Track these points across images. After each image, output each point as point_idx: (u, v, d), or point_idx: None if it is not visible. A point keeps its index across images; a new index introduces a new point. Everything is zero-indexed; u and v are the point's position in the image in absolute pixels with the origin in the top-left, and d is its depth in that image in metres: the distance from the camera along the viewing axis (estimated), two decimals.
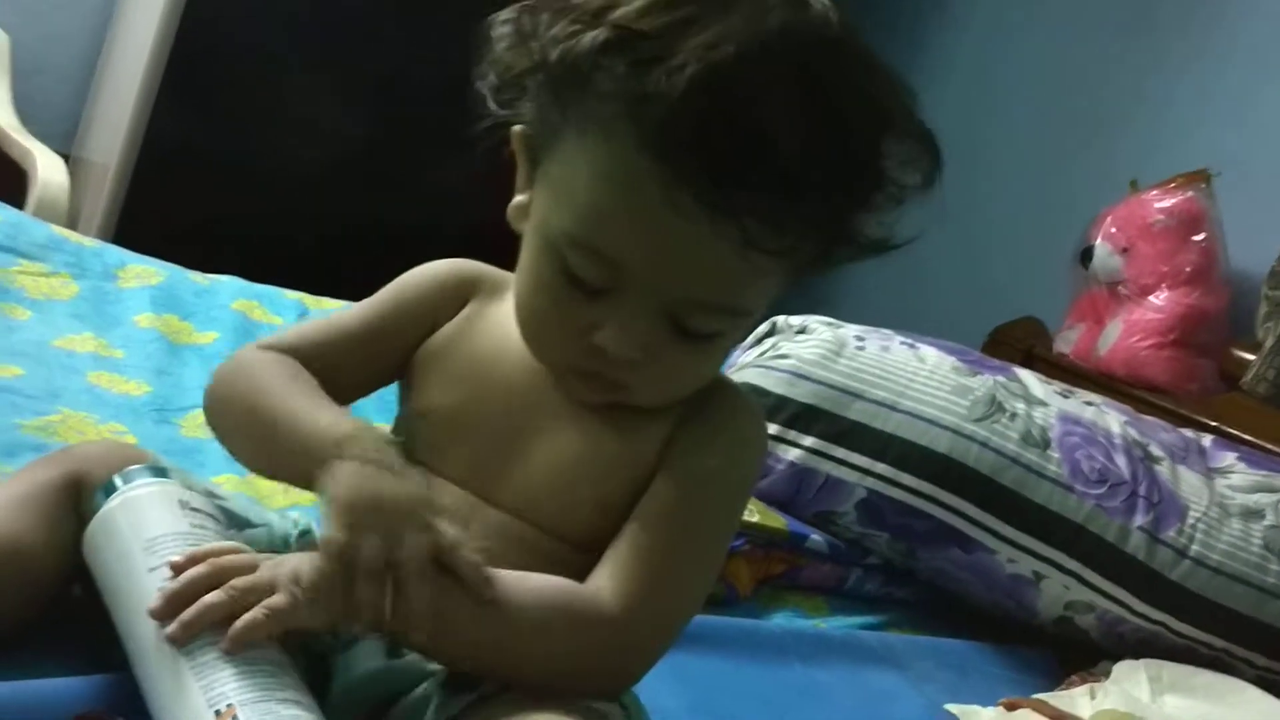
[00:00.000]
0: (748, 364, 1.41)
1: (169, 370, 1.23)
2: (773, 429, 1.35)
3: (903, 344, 1.44)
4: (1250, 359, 1.82)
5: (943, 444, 1.33)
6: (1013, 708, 1.03)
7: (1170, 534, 1.30)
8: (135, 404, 1.13)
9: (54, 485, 0.71)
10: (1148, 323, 1.91)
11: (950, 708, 1.07)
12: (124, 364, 1.21)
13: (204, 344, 1.33)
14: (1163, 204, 1.94)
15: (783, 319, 1.47)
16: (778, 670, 1.05)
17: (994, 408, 1.35)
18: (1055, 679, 1.24)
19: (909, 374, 1.38)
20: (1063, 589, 1.31)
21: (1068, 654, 1.30)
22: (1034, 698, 1.09)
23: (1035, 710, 1.01)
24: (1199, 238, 1.91)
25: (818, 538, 1.30)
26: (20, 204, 1.84)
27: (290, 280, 1.58)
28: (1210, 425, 1.68)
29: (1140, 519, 1.30)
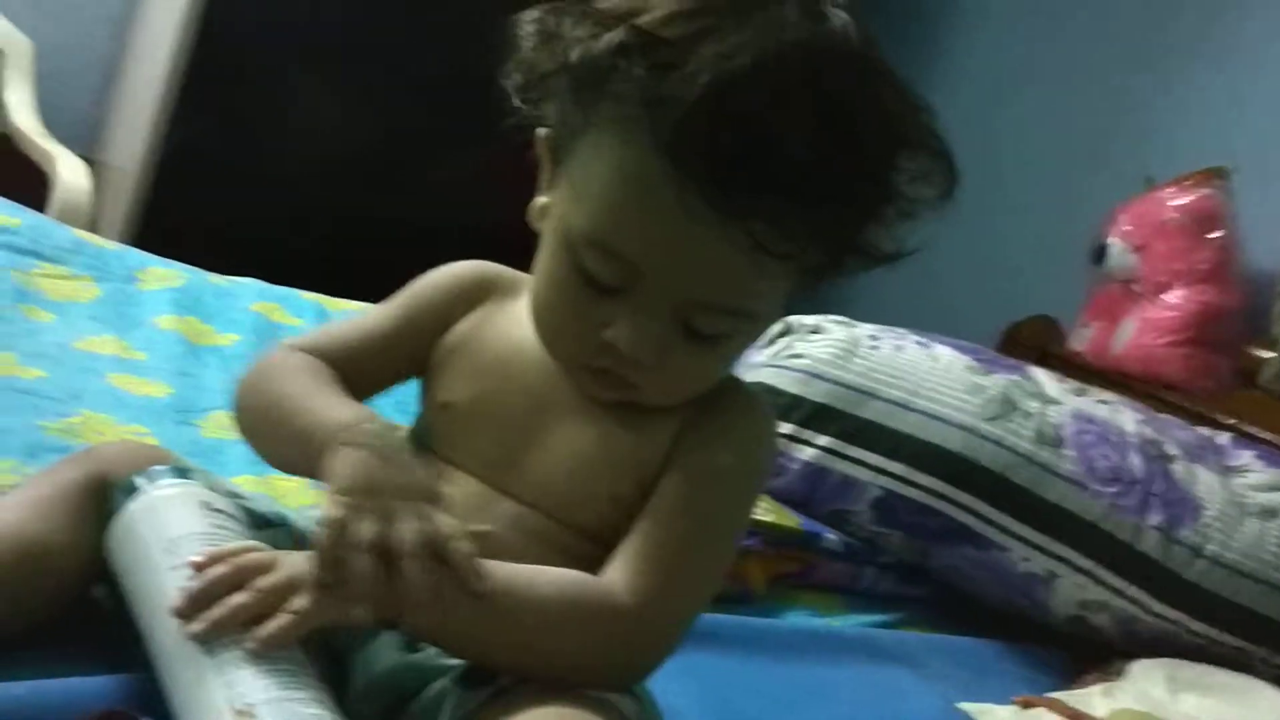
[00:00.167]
0: (761, 364, 1.42)
1: (190, 372, 1.24)
2: (787, 428, 1.35)
3: (916, 343, 1.44)
4: (1267, 356, 1.81)
5: (956, 443, 1.33)
6: (1028, 706, 1.03)
7: (1185, 533, 1.30)
8: (156, 405, 1.14)
9: (77, 486, 0.72)
10: (1163, 321, 1.90)
11: (964, 706, 1.08)
12: (145, 366, 1.22)
13: (224, 346, 1.34)
14: (1178, 201, 1.93)
15: (796, 319, 1.47)
16: (790, 668, 1.06)
17: (1007, 407, 1.36)
18: (1069, 677, 1.24)
19: (922, 373, 1.38)
20: (1076, 588, 1.31)
21: (1082, 652, 1.30)
22: (1049, 696, 1.09)
23: (1050, 709, 1.01)
24: (1215, 235, 1.90)
25: (832, 536, 1.31)
26: (42, 207, 1.86)
27: (310, 281, 1.59)
28: (1227, 424, 1.67)
29: (1154, 518, 1.30)
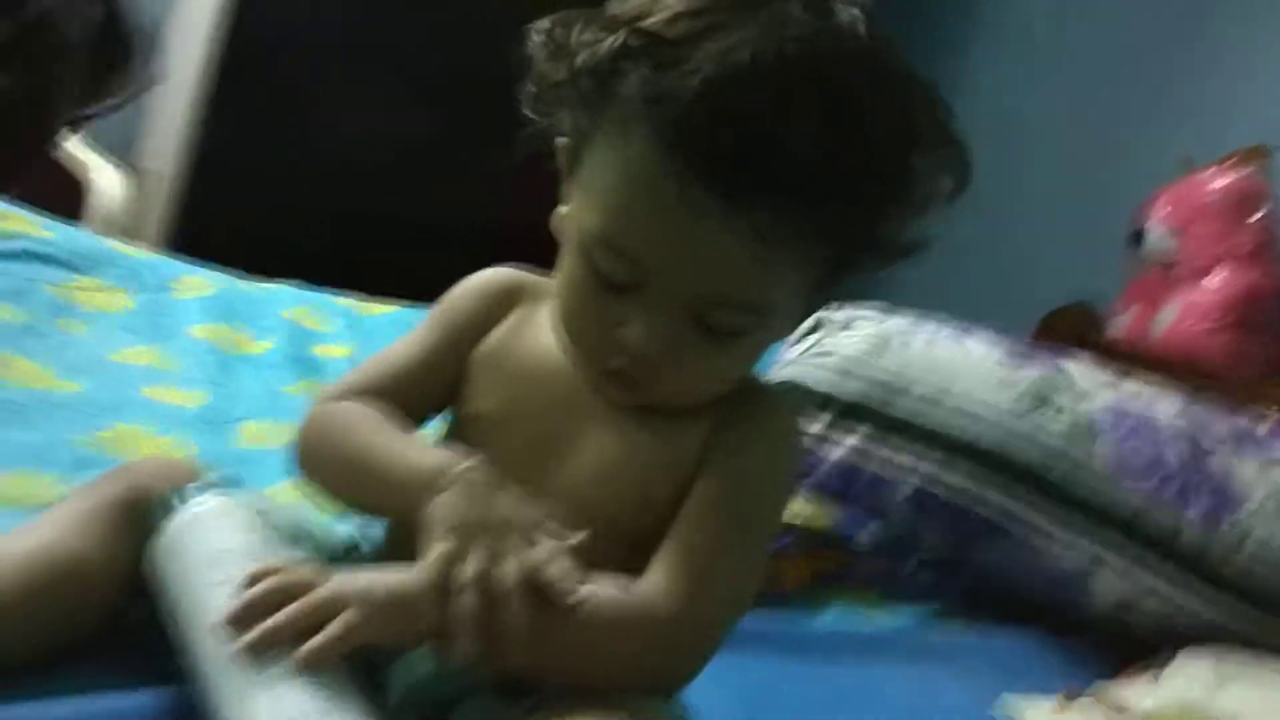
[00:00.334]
0: (792, 360, 1.41)
1: (224, 381, 1.25)
2: (818, 426, 1.35)
3: (949, 336, 1.43)
4: None
5: (990, 438, 1.32)
6: (1072, 699, 1.02)
7: (1224, 526, 1.28)
8: (191, 415, 1.15)
9: (114, 502, 0.73)
10: (1204, 305, 1.87)
11: (1006, 700, 1.07)
12: (179, 376, 1.24)
13: (258, 353, 1.35)
14: (1218, 182, 1.90)
15: (827, 313, 1.46)
16: (827, 670, 1.05)
17: (1040, 401, 1.34)
18: (1112, 671, 1.22)
19: (955, 368, 1.37)
20: (1116, 582, 1.29)
21: (1124, 645, 1.29)
22: (1092, 689, 1.08)
23: (1097, 701, 1.00)
24: (1256, 216, 1.87)
25: (866, 534, 1.31)
26: (78, 215, 1.89)
27: (348, 280, 1.60)
28: (1268, 410, 1.64)
29: (1194, 510, 1.29)
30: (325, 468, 0.77)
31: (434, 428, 0.82)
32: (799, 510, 1.25)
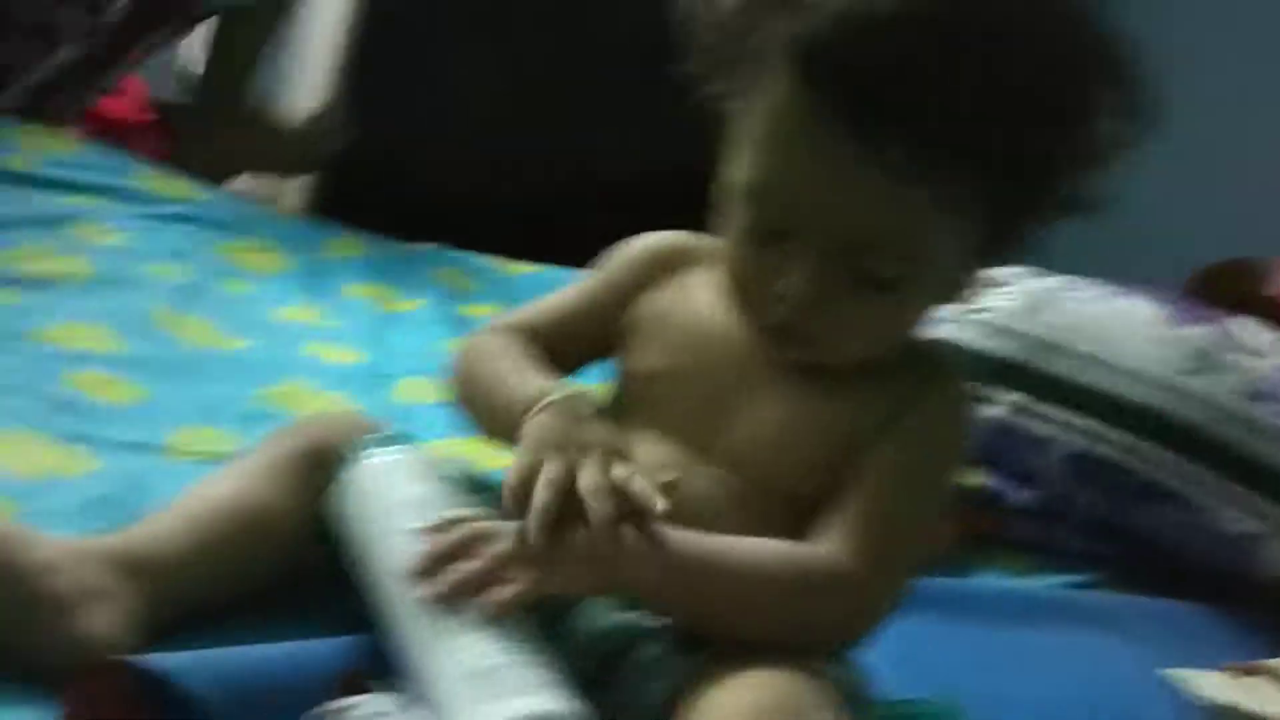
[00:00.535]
0: (946, 319, 1.38)
1: (380, 339, 1.28)
2: (971, 385, 1.32)
3: (1108, 295, 1.38)
4: None
5: (1153, 399, 1.27)
6: (1250, 673, 0.98)
7: None
8: (352, 371, 1.19)
9: (295, 453, 0.76)
10: None
11: (1170, 673, 1.03)
12: (338, 333, 1.27)
13: (410, 311, 1.38)
14: None
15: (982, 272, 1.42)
16: (987, 631, 1.03)
17: (1205, 360, 1.29)
18: None
19: (1116, 325, 1.32)
20: None
21: None
22: (1266, 663, 1.03)
23: (1271, 678, 0.96)
24: None
25: (1020, 495, 1.28)
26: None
27: (499, 244, 1.61)
28: None
29: None
30: (462, 393, 0.81)
31: (599, 385, 0.83)
32: None
